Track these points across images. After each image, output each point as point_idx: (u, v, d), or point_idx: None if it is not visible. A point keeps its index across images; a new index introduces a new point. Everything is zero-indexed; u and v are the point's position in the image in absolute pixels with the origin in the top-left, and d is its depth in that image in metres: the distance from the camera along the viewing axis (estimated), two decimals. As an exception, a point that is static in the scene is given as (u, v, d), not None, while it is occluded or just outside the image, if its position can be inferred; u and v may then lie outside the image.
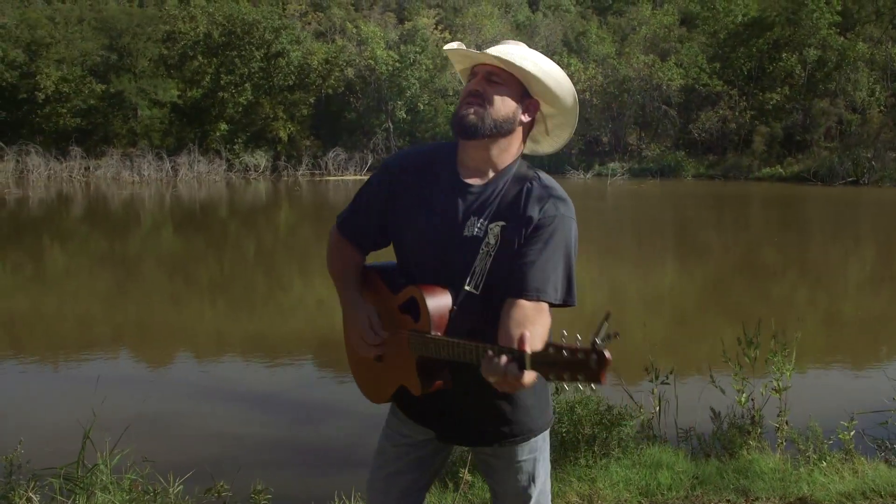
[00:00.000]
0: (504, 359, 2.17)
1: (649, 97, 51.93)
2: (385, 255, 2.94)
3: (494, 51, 2.64)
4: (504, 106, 2.61)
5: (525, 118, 2.67)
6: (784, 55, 50.87)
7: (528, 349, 2.12)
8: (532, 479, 2.81)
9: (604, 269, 15.82)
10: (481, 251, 2.55)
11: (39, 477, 4.40)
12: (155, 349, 11.01)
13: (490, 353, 2.22)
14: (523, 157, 2.75)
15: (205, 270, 18.01)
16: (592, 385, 2.08)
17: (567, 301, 2.56)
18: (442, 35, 56.44)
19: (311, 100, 53.27)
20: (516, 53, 2.62)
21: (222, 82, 51.38)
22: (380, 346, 2.72)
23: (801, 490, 4.93)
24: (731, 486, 5.00)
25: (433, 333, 2.49)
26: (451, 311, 2.53)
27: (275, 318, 13.08)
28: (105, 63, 52.37)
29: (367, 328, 2.72)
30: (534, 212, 2.56)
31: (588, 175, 46.32)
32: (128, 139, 51.04)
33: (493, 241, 2.55)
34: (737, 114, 50.51)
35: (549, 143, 2.85)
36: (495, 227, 2.56)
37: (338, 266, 2.93)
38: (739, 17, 53.75)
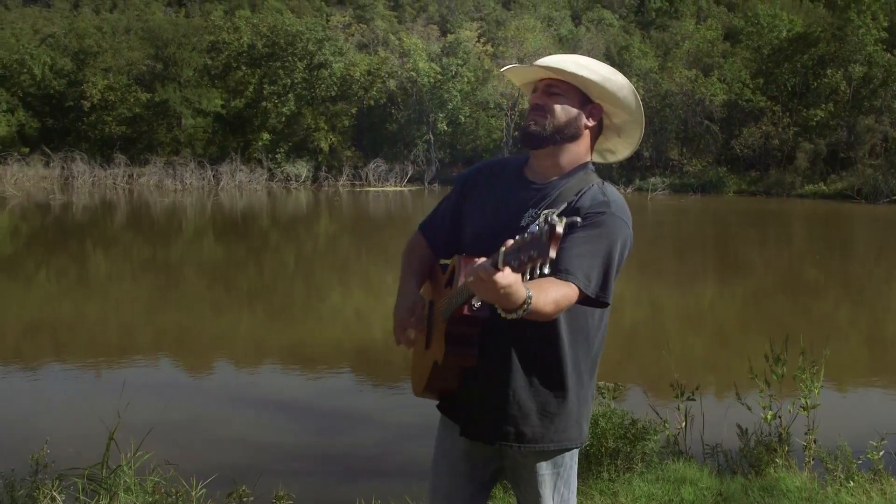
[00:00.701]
0: (485, 263, 2.19)
1: (691, 112, 51.64)
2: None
3: (547, 61, 2.74)
4: (564, 113, 2.70)
5: (590, 122, 2.75)
6: (829, 71, 50.41)
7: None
8: (552, 495, 2.79)
9: (643, 285, 15.72)
10: None
11: (64, 477, 4.47)
12: (191, 355, 11.11)
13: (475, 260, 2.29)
14: (598, 170, 2.82)
15: (244, 279, 18.14)
16: (545, 267, 2.05)
17: (600, 297, 2.54)
18: (484, 48, 56.53)
19: (353, 111, 53.57)
20: (570, 61, 2.71)
21: (265, 93, 51.85)
22: (404, 331, 2.80)
23: (827, 509, 4.88)
24: (756, 504, 4.96)
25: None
26: None
27: (311, 328, 13.15)
28: (150, 72, 53.09)
29: (403, 309, 2.82)
30: (584, 204, 2.62)
31: (629, 190, 46.03)
32: (171, 147, 51.64)
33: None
34: (780, 130, 50.06)
35: (623, 145, 2.92)
36: (549, 211, 2.59)
37: (406, 255, 3.03)
38: (784, 33, 53.39)
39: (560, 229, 1.99)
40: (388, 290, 16.50)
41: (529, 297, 2.26)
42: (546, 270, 2.07)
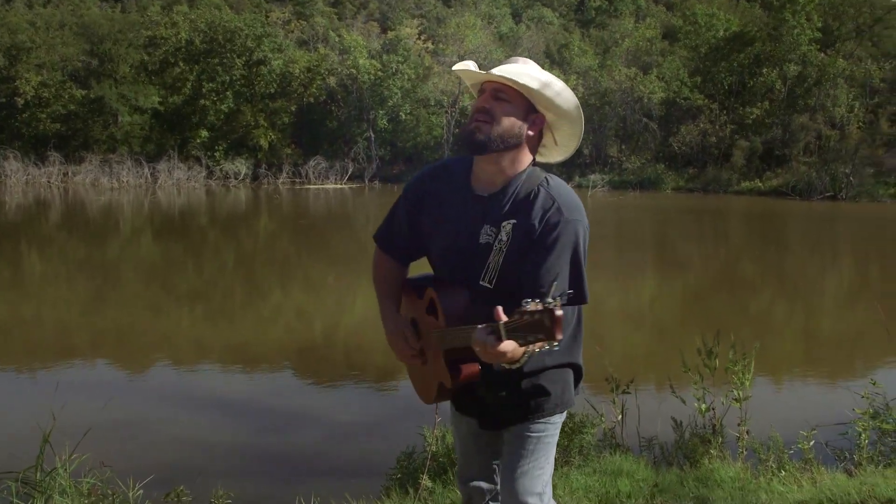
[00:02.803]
0: (485, 331, 2.40)
1: (630, 110, 52.16)
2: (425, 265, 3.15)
3: (501, 70, 2.80)
4: (509, 122, 2.78)
5: (531, 133, 2.83)
6: (764, 70, 51.20)
7: (502, 319, 2.35)
8: (533, 453, 2.95)
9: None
10: (494, 248, 2.75)
11: (-4, 480, 4.40)
12: (129, 356, 10.97)
13: (478, 327, 2.43)
14: (537, 164, 2.94)
15: (183, 278, 17.95)
16: (554, 345, 2.28)
17: (581, 300, 2.76)
18: (425, 45, 56.50)
19: (293, 108, 53.26)
20: (522, 71, 2.79)
21: (204, 89, 51.34)
22: (414, 358, 3.00)
23: (759, 499, 4.96)
24: (691, 495, 5.03)
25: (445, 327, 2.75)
26: (465, 307, 2.75)
27: (251, 327, 13.04)
28: (86, 68, 52.21)
29: (403, 341, 3.00)
30: (537, 217, 2.72)
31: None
32: (107, 145, 50.85)
33: (504, 238, 2.75)
34: (717, 128, 50.73)
35: (558, 152, 3.02)
36: (507, 225, 2.75)
37: (377, 278, 3.17)
38: (721, 32, 54.12)
39: (560, 312, 2.23)
40: (328, 288, 16.48)
41: (527, 353, 2.48)
42: (556, 348, 2.32)
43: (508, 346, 2.36)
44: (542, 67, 2.85)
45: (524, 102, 2.79)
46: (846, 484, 5.12)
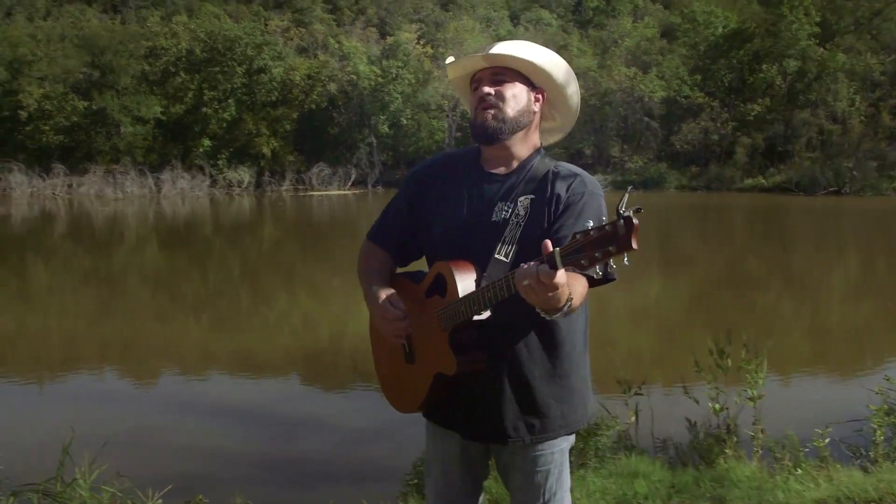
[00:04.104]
0: (535, 263, 2.22)
1: (631, 109, 52.12)
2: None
3: (493, 49, 2.71)
4: (518, 100, 2.69)
5: (536, 107, 2.75)
6: (764, 66, 51.15)
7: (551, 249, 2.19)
8: (547, 478, 2.77)
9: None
10: (511, 222, 2.60)
11: (19, 493, 4.41)
12: (138, 366, 10.99)
13: (522, 265, 2.27)
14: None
15: (189, 287, 17.98)
16: (626, 258, 2.11)
17: (608, 276, 2.50)
18: (424, 49, 56.50)
19: (294, 115, 53.25)
20: (513, 48, 2.70)
21: (205, 98, 51.37)
22: (404, 321, 2.71)
23: (776, 497, 4.96)
24: (708, 495, 5.04)
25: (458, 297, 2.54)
26: (478, 281, 2.56)
27: (259, 334, 13.06)
28: (87, 80, 52.23)
29: (387, 306, 2.73)
30: (562, 189, 2.64)
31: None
32: (111, 156, 50.86)
33: (522, 213, 2.62)
34: (718, 125, 50.67)
35: (558, 129, 2.94)
36: (525, 200, 2.64)
37: (363, 268, 2.95)
38: (719, 29, 54.08)
39: (637, 221, 2.06)
40: (334, 294, 16.48)
41: (571, 297, 2.33)
42: (626, 262, 2.13)
43: (563, 277, 2.22)
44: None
45: (523, 79, 2.71)
46: (863, 481, 5.12)
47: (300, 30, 63.31)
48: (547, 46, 2.77)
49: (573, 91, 2.80)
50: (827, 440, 5.54)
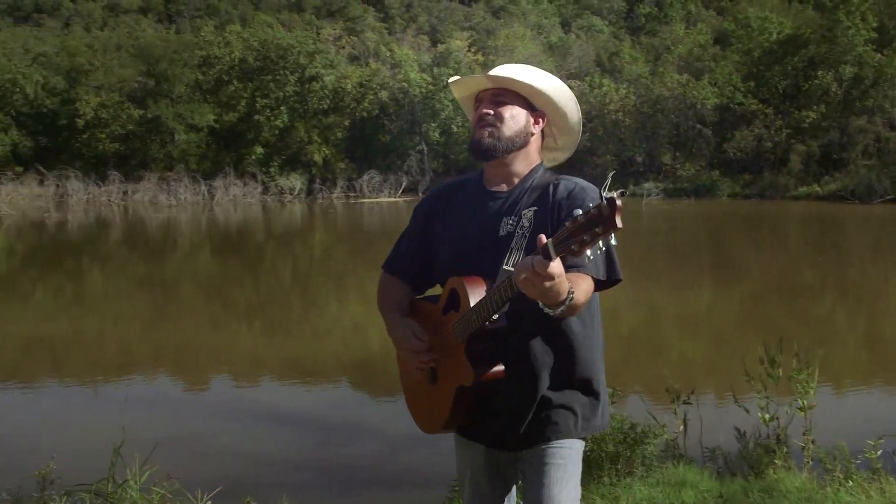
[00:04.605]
0: (530, 256, 2.27)
1: (683, 116, 51.70)
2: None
3: (494, 71, 2.83)
4: (515, 121, 2.79)
5: (535, 130, 2.83)
6: (820, 73, 50.47)
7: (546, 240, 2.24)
8: (560, 481, 2.76)
9: (639, 291, 15.73)
10: (517, 234, 2.67)
11: (72, 493, 4.50)
12: (190, 371, 11.13)
13: (520, 262, 2.33)
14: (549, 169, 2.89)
15: (241, 293, 18.16)
16: (612, 238, 2.13)
17: (612, 276, 2.62)
18: (475, 57, 56.61)
19: (346, 123, 53.59)
20: (514, 71, 2.81)
21: (258, 106, 51.90)
22: (429, 353, 2.77)
23: (826, 509, 4.91)
24: (756, 505, 4.99)
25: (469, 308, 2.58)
26: (489, 288, 2.60)
27: (309, 340, 13.17)
28: (142, 89, 53.09)
29: (412, 337, 2.80)
30: (563, 197, 2.69)
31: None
32: (165, 163, 51.61)
33: (526, 224, 2.68)
34: (772, 132, 50.09)
35: (559, 152, 3.00)
36: (528, 212, 2.70)
37: (383, 300, 3.05)
38: (774, 35, 53.49)
39: (620, 202, 2.09)
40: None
41: (572, 291, 2.35)
42: (613, 242, 2.14)
43: (558, 267, 2.23)
44: (594, 77, 2.85)
45: (523, 102, 2.80)
46: (916, 493, 5.04)
47: (352, 38, 63.82)
48: (598, 53, 2.83)
49: (573, 114, 2.87)
50: (879, 452, 5.45)
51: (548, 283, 2.25)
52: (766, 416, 5.72)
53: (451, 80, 2.96)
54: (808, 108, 50.60)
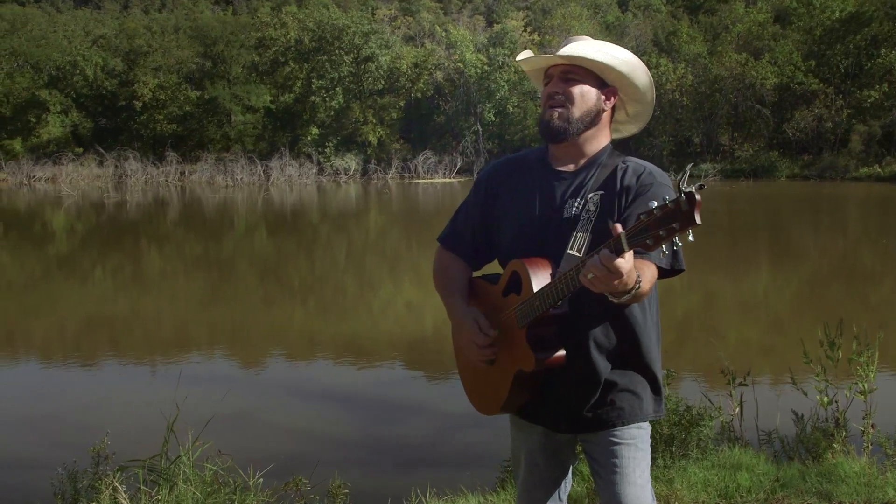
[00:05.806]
0: (600, 250, 2.22)
1: (742, 96, 51.02)
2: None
3: (566, 50, 2.74)
4: (585, 100, 2.71)
5: (606, 106, 2.75)
6: (883, 51, 49.50)
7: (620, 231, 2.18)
8: (632, 461, 2.75)
9: (696, 273, 15.57)
10: (582, 218, 2.62)
11: (125, 468, 4.56)
12: (245, 349, 11.24)
13: (591, 254, 2.28)
14: (614, 145, 2.84)
15: (295, 273, 18.30)
16: (690, 234, 2.07)
17: (674, 266, 2.56)
18: (531, 37, 56.34)
19: (401, 104, 53.73)
20: (586, 47, 2.73)
21: (313, 87, 52.18)
22: (491, 347, 2.72)
23: (886, 495, 4.80)
24: (814, 490, 4.90)
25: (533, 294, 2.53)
26: (552, 276, 2.56)
27: (363, 320, 13.23)
28: (200, 70, 53.66)
29: (476, 331, 2.73)
30: (631, 182, 2.63)
31: (679, 176, 45.23)
32: (222, 144, 52.19)
33: (592, 208, 2.62)
34: (833, 112, 49.28)
35: (632, 124, 2.94)
36: (594, 196, 2.64)
37: (441, 278, 2.99)
38: (836, 14, 52.48)
39: (699, 197, 2.02)
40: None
41: (639, 280, 2.32)
42: (691, 239, 2.08)
43: (628, 263, 2.20)
44: (650, 56, 2.79)
45: (594, 79, 2.72)
46: (980, 480, 4.92)
47: (407, 18, 63.85)
48: (656, 32, 2.76)
49: (647, 87, 2.80)
50: (942, 437, 5.34)
51: (616, 281, 2.22)
52: (825, 399, 5.62)
53: (519, 57, 2.88)
54: (870, 87, 49.65)
